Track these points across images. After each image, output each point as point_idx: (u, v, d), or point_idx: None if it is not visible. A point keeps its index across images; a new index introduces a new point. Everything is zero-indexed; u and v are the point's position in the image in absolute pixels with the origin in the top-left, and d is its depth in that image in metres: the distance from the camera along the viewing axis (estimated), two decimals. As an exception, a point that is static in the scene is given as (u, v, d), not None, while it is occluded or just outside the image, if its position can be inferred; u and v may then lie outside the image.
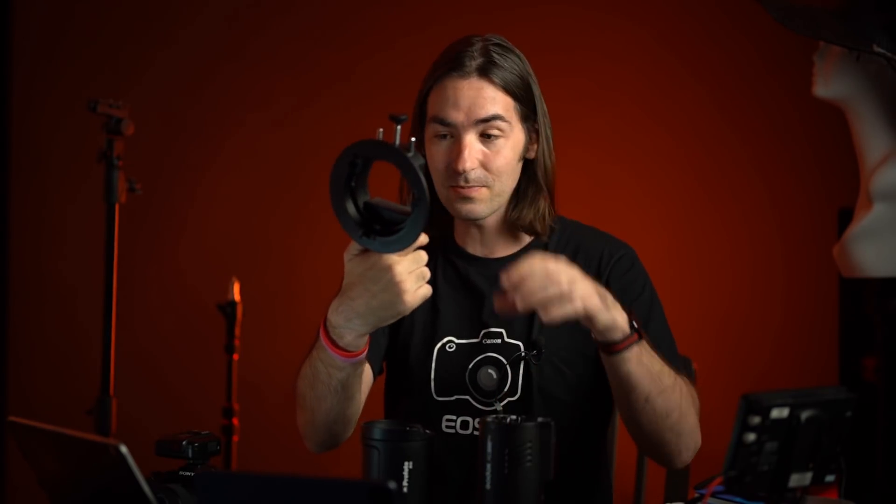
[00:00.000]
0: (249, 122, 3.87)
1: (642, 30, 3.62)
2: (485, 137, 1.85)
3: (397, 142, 1.55)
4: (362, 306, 1.62)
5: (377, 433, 1.61)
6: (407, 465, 1.60)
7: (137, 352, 3.70)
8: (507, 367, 1.89)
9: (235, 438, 3.29)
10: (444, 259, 1.98)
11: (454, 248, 1.98)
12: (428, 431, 1.62)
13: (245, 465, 3.39)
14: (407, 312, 1.62)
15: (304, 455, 3.76)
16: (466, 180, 1.85)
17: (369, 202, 1.59)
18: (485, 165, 1.86)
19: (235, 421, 3.28)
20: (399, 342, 1.97)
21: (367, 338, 1.68)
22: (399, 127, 1.56)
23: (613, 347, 1.68)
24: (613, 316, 1.66)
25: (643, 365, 1.70)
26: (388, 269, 1.59)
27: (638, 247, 2.02)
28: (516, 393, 1.88)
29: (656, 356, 1.74)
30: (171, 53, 3.90)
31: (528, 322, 1.90)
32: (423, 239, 1.60)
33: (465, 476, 1.84)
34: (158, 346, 3.86)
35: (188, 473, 1.60)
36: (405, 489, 1.59)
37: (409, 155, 1.53)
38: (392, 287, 1.59)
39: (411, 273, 1.60)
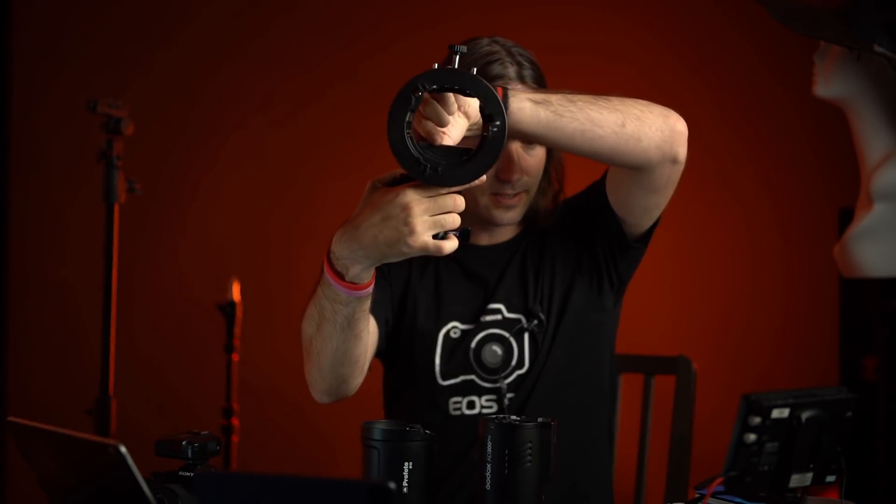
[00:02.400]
0: (250, 122, 3.86)
1: (642, 30, 3.62)
2: (524, 144, 1.88)
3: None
4: (368, 238, 1.55)
5: (377, 433, 1.61)
6: (407, 465, 1.59)
7: (137, 352, 3.70)
8: (512, 340, 1.90)
9: (235, 438, 3.28)
10: None
11: None
12: (428, 431, 1.62)
13: (245, 465, 3.39)
14: (412, 254, 1.55)
15: (304, 455, 3.78)
16: (513, 188, 1.88)
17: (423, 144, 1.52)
18: (527, 171, 1.89)
19: (235, 421, 3.28)
20: (402, 328, 1.97)
21: (373, 271, 1.62)
22: (457, 58, 1.53)
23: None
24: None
25: (539, 108, 1.59)
26: (406, 207, 1.51)
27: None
28: (524, 366, 1.89)
29: (555, 93, 1.63)
30: (171, 53, 3.90)
31: (523, 293, 1.91)
32: (483, 178, 1.53)
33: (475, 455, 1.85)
34: (158, 346, 3.86)
35: (188, 473, 1.60)
36: (405, 489, 1.59)
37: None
38: (402, 226, 1.52)
39: (429, 215, 1.52)
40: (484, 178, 1.53)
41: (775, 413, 1.35)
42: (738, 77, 3.58)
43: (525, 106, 1.58)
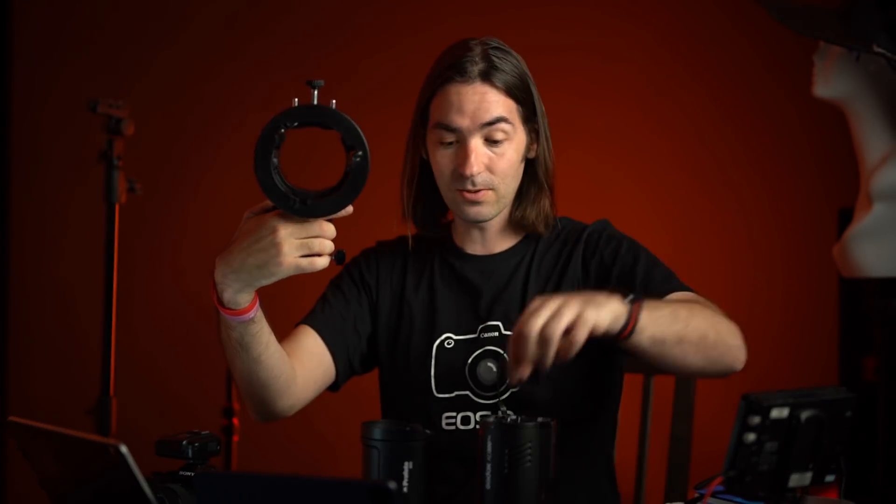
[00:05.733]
0: (249, 122, 3.83)
1: (642, 30, 3.62)
2: (489, 141, 1.87)
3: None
4: (238, 262, 1.62)
5: (377, 433, 1.61)
6: (407, 465, 1.60)
7: (137, 352, 3.70)
8: (507, 357, 1.89)
9: (235, 438, 3.29)
10: (441, 259, 2.00)
11: (451, 249, 2.00)
12: (428, 431, 1.62)
13: (245, 465, 3.39)
14: (280, 276, 1.61)
15: (304, 455, 3.78)
16: (473, 184, 1.87)
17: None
18: (490, 169, 1.87)
19: (235, 421, 3.28)
20: (399, 342, 1.97)
21: (252, 297, 1.68)
22: (316, 92, 1.55)
23: (623, 334, 1.63)
24: (612, 309, 1.60)
25: (657, 323, 1.64)
26: (273, 230, 1.58)
27: (638, 247, 2.02)
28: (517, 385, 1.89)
29: (661, 303, 1.69)
30: (171, 53, 3.90)
31: (522, 311, 1.90)
32: (350, 208, 1.58)
33: (468, 473, 1.84)
34: (158, 346, 3.86)
35: (188, 473, 1.60)
36: (405, 489, 1.59)
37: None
38: (270, 247, 1.59)
39: (295, 238, 1.58)
40: (350, 208, 1.57)
41: (775, 413, 1.35)
42: (738, 77, 3.58)
43: (640, 342, 1.63)
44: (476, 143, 1.86)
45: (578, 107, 3.59)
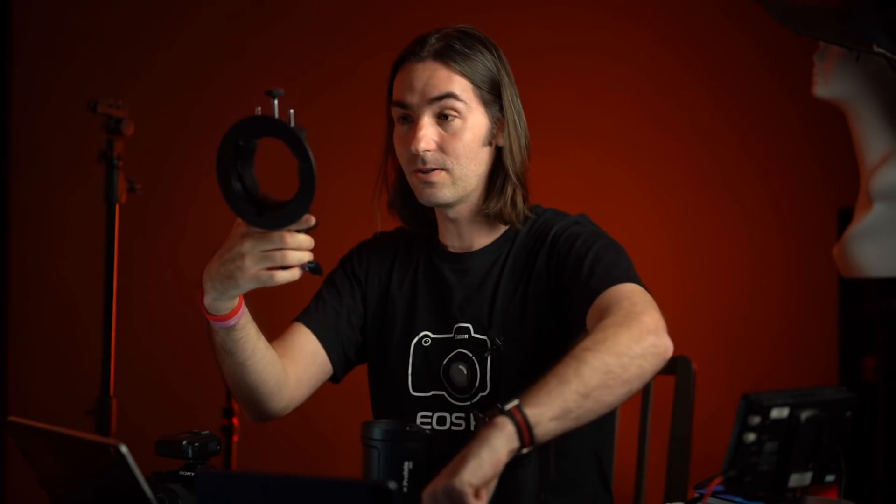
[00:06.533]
0: (249, 122, 3.86)
1: (642, 30, 3.62)
2: (441, 119, 1.86)
3: (276, 116, 1.54)
4: (213, 270, 1.65)
5: (377, 433, 1.61)
6: (407, 465, 1.60)
7: (137, 352, 3.70)
8: (475, 361, 1.89)
9: (235, 438, 3.28)
10: (427, 256, 2.00)
11: (436, 246, 2.00)
12: (427, 424, 1.62)
13: (245, 465, 3.39)
14: (244, 288, 1.63)
15: (304, 455, 3.78)
16: (424, 161, 1.85)
17: (255, 192, 1.57)
18: (442, 147, 1.86)
19: (235, 421, 3.28)
20: (383, 338, 1.98)
21: (234, 303, 1.70)
22: (276, 101, 1.55)
23: (527, 443, 1.51)
24: (496, 445, 1.48)
25: (548, 405, 1.54)
26: (239, 242, 1.59)
27: (638, 247, 2.02)
28: (486, 388, 1.89)
29: (541, 382, 1.57)
30: (171, 53, 3.90)
31: (489, 315, 1.90)
32: (311, 219, 1.57)
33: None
34: (158, 346, 3.86)
35: (188, 473, 1.60)
36: (405, 489, 1.59)
37: (292, 126, 1.52)
38: (236, 258, 1.60)
39: (258, 252, 1.58)
40: (312, 219, 1.56)
41: (775, 413, 1.35)
42: (738, 77, 3.58)
43: (550, 429, 1.53)
44: (426, 120, 1.86)
45: (578, 107, 3.59)
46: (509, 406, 1.51)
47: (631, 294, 1.71)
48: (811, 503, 1.49)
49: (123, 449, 1.32)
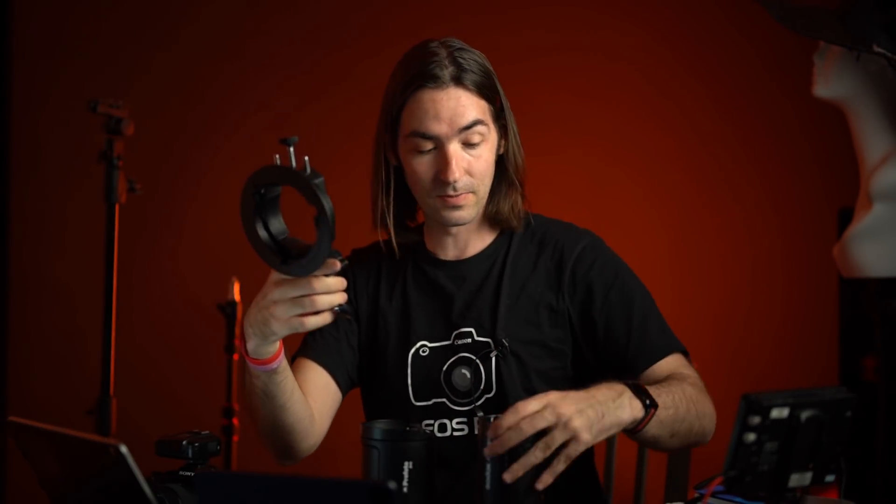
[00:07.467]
0: (249, 122, 3.86)
1: (642, 30, 3.62)
2: (467, 145, 1.86)
3: (293, 164, 1.54)
4: (252, 316, 1.65)
5: (377, 433, 1.61)
6: (407, 465, 1.60)
7: (137, 352, 3.70)
8: (479, 364, 1.89)
9: (235, 438, 3.29)
10: (415, 266, 1.99)
11: (424, 254, 1.99)
12: (428, 431, 1.62)
13: (245, 465, 3.39)
14: (279, 335, 1.63)
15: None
16: (455, 189, 1.85)
17: (282, 237, 1.59)
18: (469, 172, 1.86)
19: (235, 421, 3.28)
20: (376, 352, 1.97)
21: (275, 347, 1.69)
22: (292, 149, 1.55)
23: (636, 428, 1.68)
24: (619, 417, 1.63)
25: (661, 425, 1.71)
26: (271, 289, 1.61)
27: (638, 247, 2.02)
28: (492, 390, 1.89)
29: (669, 402, 1.73)
30: (171, 53, 3.90)
31: (493, 318, 1.91)
32: (336, 264, 1.57)
33: (448, 479, 1.84)
34: (158, 346, 3.86)
35: (188, 473, 1.60)
36: (405, 489, 1.59)
37: (307, 174, 1.53)
38: (269, 307, 1.61)
39: (288, 298, 1.59)
40: (338, 264, 1.57)
41: (775, 413, 1.35)
42: (738, 77, 3.58)
43: (654, 426, 1.70)
44: (455, 148, 1.85)
45: (578, 107, 3.59)
46: (649, 402, 1.66)
47: (692, 370, 1.88)
48: (811, 503, 1.49)
49: (123, 449, 1.32)
